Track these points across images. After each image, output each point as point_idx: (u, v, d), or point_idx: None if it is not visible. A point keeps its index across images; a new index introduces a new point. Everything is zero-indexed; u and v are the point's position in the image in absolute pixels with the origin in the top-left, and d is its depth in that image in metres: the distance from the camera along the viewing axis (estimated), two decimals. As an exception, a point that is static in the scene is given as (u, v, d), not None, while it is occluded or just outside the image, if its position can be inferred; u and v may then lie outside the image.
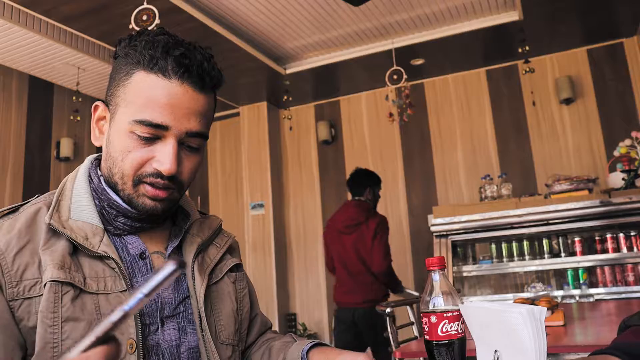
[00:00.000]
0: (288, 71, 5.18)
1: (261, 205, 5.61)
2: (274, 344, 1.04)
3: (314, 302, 5.58)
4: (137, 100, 0.86)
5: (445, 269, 0.89)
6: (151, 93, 0.85)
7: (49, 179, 4.99)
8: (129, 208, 0.90)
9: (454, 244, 3.84)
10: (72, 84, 4.94)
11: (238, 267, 1.06)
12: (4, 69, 4.66)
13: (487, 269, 3.79)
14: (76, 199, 0.91)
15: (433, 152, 5.35)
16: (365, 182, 3.99)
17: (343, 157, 5.72)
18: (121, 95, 0.89)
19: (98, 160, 0.98)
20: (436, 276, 0.88)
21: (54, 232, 0.85)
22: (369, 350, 0.85)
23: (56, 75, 4.88)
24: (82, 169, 0.96)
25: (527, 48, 4.17)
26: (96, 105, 0.95)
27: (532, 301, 1.81)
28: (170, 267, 0.43)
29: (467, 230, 3.76)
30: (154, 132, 0.86)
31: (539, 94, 4.95)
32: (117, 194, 0.91)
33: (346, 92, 5.73)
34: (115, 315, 0.43)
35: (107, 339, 0.42)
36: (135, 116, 0.85)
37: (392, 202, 5.42)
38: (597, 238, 3.58)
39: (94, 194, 0.92)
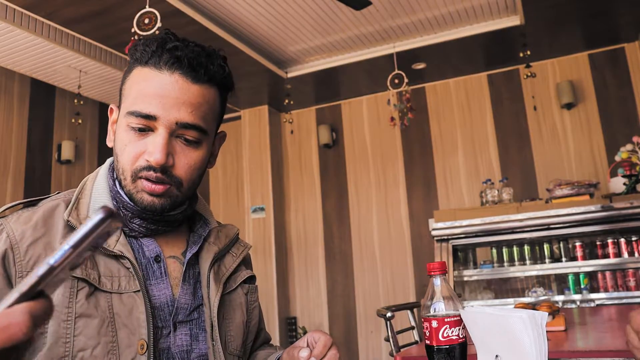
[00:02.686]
0: (289, 75, 5.19)
1: (262, 209, 5.61)
2: (258, 353, 1.07)
3: (314, 306, 5.57)
4: (131, 93, 0.88)
5: (447, 274, 0.89)
6: (142, 85, 0.87)
7: (50, 182, 4.99)
8: (139, 208, 0.91)
9: (455, 249, 3.84)
10: (73, 86, 4.95)
11: (251, 279, 1.06)
12: (5, 72, 4.67)
13: (488, 273, 3.78)
14: (95, 198, 0.92)
15: (434, 157, 5.35)
16: None
17: (344, 161, 5.72)
18: (124, 89, 0.92)
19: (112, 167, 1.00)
20: (437, 281, 0.88)
21: (70, 229, 0.86)
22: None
23: (58, 78, 4.89)
24: (103, 170, 0.97)
25: (528, 53, 4.17)
26: (111, 109, 0.97)
27: (533, 306, 1.80)
28: (98, 215, 0.39)
29: (468, 235, 3.76)
30: (145, 123, 0.86)
31: (540, 98, 4.96)
32: (123, 190, 0.92)
33: (347, 96, 5.74)
34: (41, 270, 0.39)
35: (34, 294, 0.39)
36: (128, 108, 0.87)
37: (393, 206, 5.42)
38: (598, 243, 3.57)
39: (111, 194, 0.93)
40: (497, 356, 0.81)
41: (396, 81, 4.59)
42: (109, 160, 1.00)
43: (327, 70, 5.08)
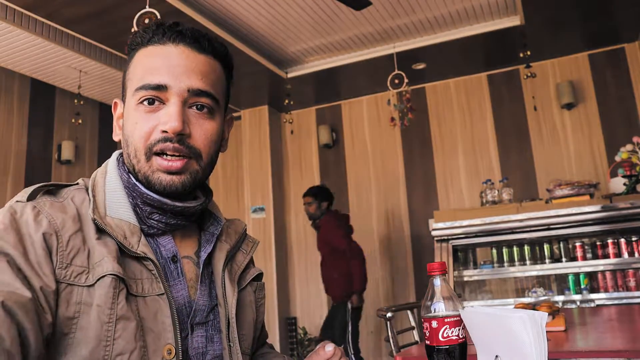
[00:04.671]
0: (289, 75, 5.19)
1: (262, 209, 5.61)
2: None
3: (314, 307, 5.57)
4: (138, 72, 0.87)
5: (447, 274, 0.89)
6: (148, 61, 0.87)
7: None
8: (163, 199, 0.86)
9: (455, 249, 3.83)
10: (73, 87, 4.95)
11: (259, 276, 1.04)
12: (6, 72, 4.67)
13: (488, 273, 3.78)
14: (110, 196, 0.87)
15: (434, 157, 5.35)
16: None
17: (344, 161, 5.72)
18: (127, 77, 0.91)
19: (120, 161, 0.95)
20: (437, 281, 0.88)
21: (97, 227, 0.82)
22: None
23: (58, 78, 4.89)
24: (112, 165, 0.92)
25: (528, 53, 4.17)
26: (115, 103, 0.96)
27: (533, 306, 1.80)
28: None
29: (468, 235, 3.76)
30: (155, 94, 0.85)
31: (540, 98, 4.96)
32: (138, 180, 0.87)
33: (347, 96, 5.74)
34: None
35: None
36: (137, 85, 0.86)
37: (393, 207, 5.42)
38: (598, 243, 3.57)
39: (126, 190, 0.88)
40: (497, 356, 0.81)
41: (396, 81, 4.60)
42: (115, 155, 0.95)
43: (327, 71, 5.08)
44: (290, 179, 5.93)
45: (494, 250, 3.84)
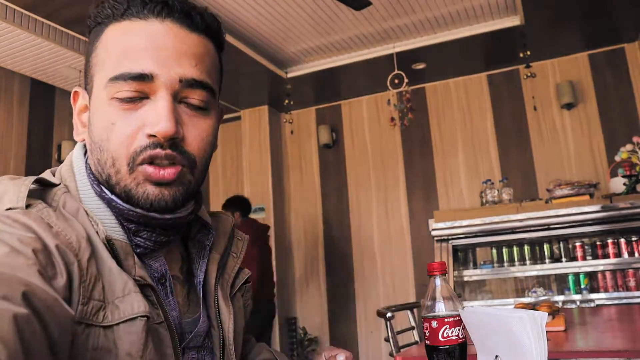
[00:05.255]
0: (289, 75, 5.19)
1: (262, 209, 5.61)
2: None
3: (314, 307, 5.57)
4: (111, 55, 0.69)
5: (447, 274, 0.89)
6: (126, 40, 0.68)
7: (50, 182, 4.99)
8: (150, 213, 0.70)
9: (455, 249, 3.84)
10: (73, 87, 4.94)
11: (247, 279, 0.91)
12: (5, 72, 4.67)
13: (488, 273, 3.79)
14: (92, 209, 0.70)
15: (434, 157, 5.35)
16: None
17: (344, 161, 5.72)
18: (93, 61, 0.72)
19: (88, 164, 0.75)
20: (437, 281, 0.88)
21: (109, 249, 0.67)
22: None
23: (58, 79, 4.89)
24: (79, 167, 0.74)
25: (528, 53, 4.17)
26: (75, 92, 0.77)
27: (533, 306, 1.80)
28: None
29: (467, 235, 3.77)
30: (138, 88, 0.67)
31: (540, 98, 4.96)
32: (114, 193, 0.70)
33: (347, 96, 5.74)
34: None
35: None
36: (111, 74, 0.67)
37: (393, 207, 5.42)
38: (598, 243, 3.58)
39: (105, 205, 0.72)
40: (497, 356, 0.81)
41: (396, 81, 4.59)
42: (80, 151, 0.76)
43: (327, 70, 5.08)
44: (290, 179, 5.93)
45: (494, 250, 3.84)
